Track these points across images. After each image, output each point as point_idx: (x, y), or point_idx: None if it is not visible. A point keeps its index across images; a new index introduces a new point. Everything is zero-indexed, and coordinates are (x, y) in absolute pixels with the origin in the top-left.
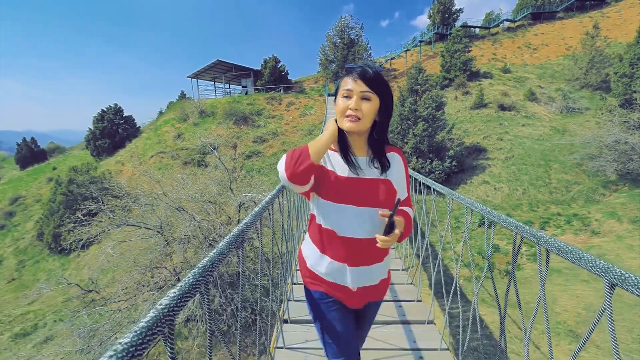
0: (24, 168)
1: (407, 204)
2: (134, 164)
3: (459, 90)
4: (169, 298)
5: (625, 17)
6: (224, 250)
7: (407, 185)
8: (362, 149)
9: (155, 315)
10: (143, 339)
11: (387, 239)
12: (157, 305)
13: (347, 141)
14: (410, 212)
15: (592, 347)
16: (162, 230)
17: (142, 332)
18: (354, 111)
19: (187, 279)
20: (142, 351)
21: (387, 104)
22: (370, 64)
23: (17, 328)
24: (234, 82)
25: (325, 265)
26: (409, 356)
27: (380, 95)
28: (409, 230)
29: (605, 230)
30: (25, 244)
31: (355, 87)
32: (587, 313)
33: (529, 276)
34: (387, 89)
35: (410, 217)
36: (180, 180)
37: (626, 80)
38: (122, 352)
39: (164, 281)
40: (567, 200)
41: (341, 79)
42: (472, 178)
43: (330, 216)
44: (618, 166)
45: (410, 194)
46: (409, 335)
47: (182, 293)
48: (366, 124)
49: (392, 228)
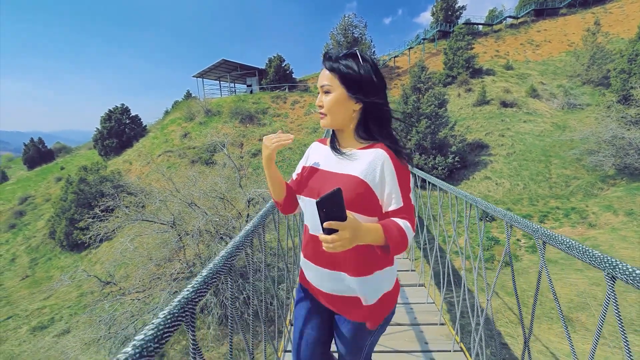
0: (31, 168)
1: (402, 214)
2: (142, 163)
3: (462, 88)
4: (189, 289)
5: (628, 12)
6: (239, 244)
7: (402, 191)
8: (347, 143)
9: (178, 303)
10: (170, 323)
11: (328, 239)
12: (181, 292)
13: (335, 136)
14: (403, 224)
15: (582, 329)
16: (175, 225)
17: (168, 317)
18: (319, 108)
19: (209, 270)
20: (169, 336)
21: (357, 88)
22: (338, 51)
23: (35, 322)
24: (239, 81)
25: (302, 260)
26: (420, 358)
27: (345, 82)
28: (395, 245)
29: (602, 223)
30: (37, 242)
31: (319, 81)
32: (579, 299)
33: (527, 266)
34: (351, 73)
35: (397, 228)
36: (192, 178)
37: (624, 77)
38: (150, 335)
39: (178, 273)
40: (566, 194)
41: None
42: (474, 174)
43: (305, 211)
44: (616, 161)
45: (413, 202)
46: (419, 337)
47: (203, 282)
48: (335, 119)
49: (327, 216)
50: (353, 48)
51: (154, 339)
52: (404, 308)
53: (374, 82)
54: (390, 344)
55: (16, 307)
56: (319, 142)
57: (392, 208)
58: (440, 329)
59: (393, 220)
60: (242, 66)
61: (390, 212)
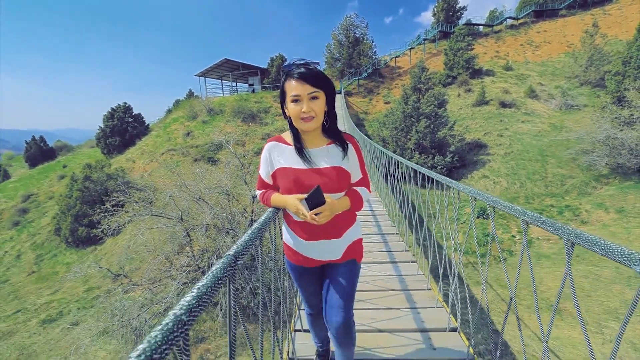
0: (33, 166)
1: (362, 184)
2: (145, 161)
3: (462, 88)
4: (182, 308)
5: (626, 14)
6: (249, 240)
7: (361, 167)
8: (316, 141)
9: (170, 323)
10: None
11: (315, 217)
12: (172, 310)
13: (300, 137)
14: (363, 191)
15: (569, 317)
16: (182, 220)
17: (155, 343)
18: (308, 113)
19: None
20: (192, 321)
21: (331, 94)
22: (304, 60)
23: (43, 315)
24: (240, 80)
25: (294, 241)
26: (417, 337)
27: (324, 89)
28: (355, 206)
29: (593, 220)
30: (42, 238)
31: (301, 91)
32: (566, 289)
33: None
34: (328, 81)
35: (357, 195)
36: (199, 174)
37: (619, 78)
38: (180, 315)
39: (187, 265)
40: (561, 193)
41: (283, 82)
42: (472, 173)
43: None
44: (609, 160)
45: (371, 177)
46: (416, 318)
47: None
48: (320, 119)
49: (314, 206)
50: (305, 59)
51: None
52: (404, 295)
53: (334, 87)
54: (381, 302)
55: (24, 301)
56: (275, 141)
57: (355, 180)
58: (427, 293)
59: (354, 190)
60: (244, 65)
61: (354, 184)
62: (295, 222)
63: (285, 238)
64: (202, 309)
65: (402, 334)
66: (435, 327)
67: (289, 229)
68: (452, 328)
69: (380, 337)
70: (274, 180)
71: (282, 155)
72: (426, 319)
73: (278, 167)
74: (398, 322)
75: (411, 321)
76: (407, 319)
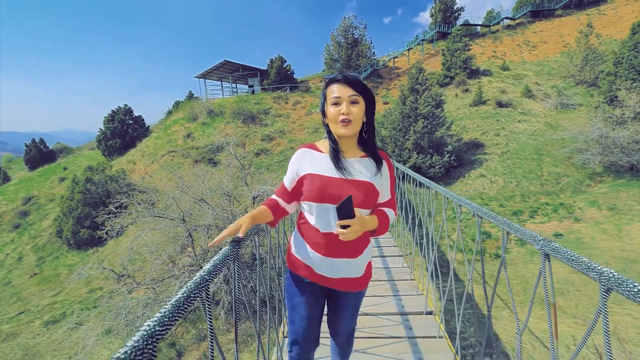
0: (33, 169)
1: (390, 205)
2: (146, 163)
3: (459, 88)
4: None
5: (621, 14)
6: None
7: (391, 187)
8: (352, 151)
9: (139, 339)
10: (185, 300)
11: (344, 231)
12: (146, 324)
13: (338, 144)
14: (390, 213)
15: (560, 312)
16: (184, 221)
17: (186, 293)
18: (346, 115)
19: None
20: (186, 308)
21: (372, 104)
22: (349, 71)
23: (47, 316)
24: (240, 81)
25: (308, 254)
26: (397, 319)
27: (365, 97)
28: (382, 229)
29: (586, 217)
30: (44, 240)
31: (342, 93)
32: (558, 285)
33: (515, 258)
34: (369, 91)
35: (386, 216)
36: (200, 176)
37: (611, 78)
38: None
39: (189, 265)
40: (556, 191)
41: (326, 89)
42: (470, 172)
43: (313, 213)
44: (603, 159)
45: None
46: (406, 325)
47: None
48: (358, 126)
49: (343, 217)
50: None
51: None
52: (393, 299)
53: (375, 102)
54: (368, 291)
55: (27, 302)
56: (308, 148)
57: (383, 200)
58: (411, 283)
59: (382, 210)
60: (244, 67)
61: (381, 204)
62: (313, 234)
63: (296, 251)
64: (164, 335)
65: (385, 316)
66: (414, 310)
67: (303, 241)
68: (428, 311)
69: (365, 319)
70: (298, 187)
71: (312, 161)
72: (406, 304)
73: (307, 173)
74: (382, 307)
75: (393, 306)
76: (390, 304)
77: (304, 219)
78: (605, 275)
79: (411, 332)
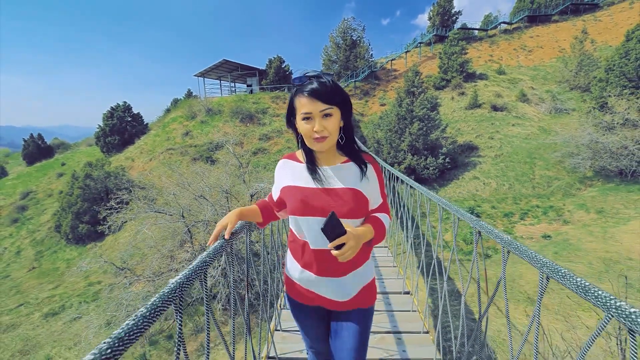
0: (31, 164)
1: (383, 210)
2: (144, 160)
3: (455, 91)
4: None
5: (616, 20)
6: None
7: (381, 191)
8: (332, 158)
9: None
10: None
11: (339, 252)
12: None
13: (313, 154)
14: (384, 218)
15: (542, 309)
16: (183, 217)
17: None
18: (320, 133)
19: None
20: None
21: (347, 108)
22: (316, 72)
23: (46, 309)
24: (239, 80)
25: (300, 275)
26: (391, 339)
27: (339, 105)
28: (378, 237)
29: (575, 220)
30: (42, 235)
31: (313, 109)
32: (552, 285)
33: (498, 259)
34: (343, 95)
35: (380, 223)
36: (199, 173)
37: (602, 85)
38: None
39: (188, 260)
40: (547, 194)
41: (294, 98)
42: (463, 174)
43: (300, 229)
44: (593, 163)
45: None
46: (393, 323)
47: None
48: (335, 138)
49: (334, 236)
50: (317, 71)
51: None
52: (382, 297)
53: (350, 100)
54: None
55: (26, 295)
56: (287, 159)
57: (374, 206)
58: (398, 282)
59: (376, 217)
60: (243, 66)
61: (373, 210)
62: (303, 252)
63: (289, 270)
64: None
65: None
66: (400, 309)
67: (293, 260)
68: (414, 309)
69: None
70: (281, 199)
71: (291, 173)
72: (394, 302)
73: (285, 185)
74: None
75: (381, 304)
76: (377, 302)
77: (293, 236)
78: (548, 266)
79: (396, 328)
